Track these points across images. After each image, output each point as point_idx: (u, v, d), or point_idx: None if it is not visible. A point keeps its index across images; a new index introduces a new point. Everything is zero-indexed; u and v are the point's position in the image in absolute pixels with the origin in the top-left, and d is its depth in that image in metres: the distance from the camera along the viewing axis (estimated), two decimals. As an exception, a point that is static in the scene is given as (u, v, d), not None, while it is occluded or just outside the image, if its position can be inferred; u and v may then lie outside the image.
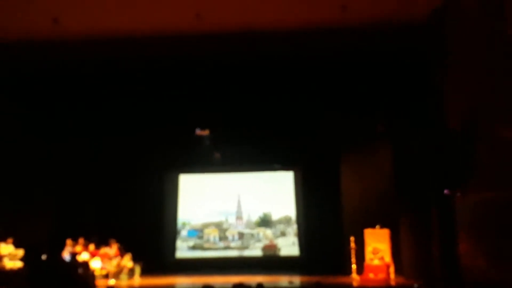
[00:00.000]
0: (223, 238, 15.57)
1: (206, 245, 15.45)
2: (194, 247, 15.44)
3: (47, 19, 8.91)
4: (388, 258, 10.97)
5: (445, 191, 9.00)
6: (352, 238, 11.35)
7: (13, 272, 10.47)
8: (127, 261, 12.02)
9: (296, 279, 11.84)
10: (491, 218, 7.32)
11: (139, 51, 10.32)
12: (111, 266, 11.73)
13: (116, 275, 11.70)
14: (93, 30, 9.51)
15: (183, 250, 15.40)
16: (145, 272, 12.38)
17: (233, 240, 15.53)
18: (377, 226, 11.25)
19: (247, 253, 15.30)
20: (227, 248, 15.41)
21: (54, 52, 9.94)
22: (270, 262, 14.83)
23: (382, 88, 10.92)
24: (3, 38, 9.43)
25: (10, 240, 10.85)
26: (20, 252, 10.74)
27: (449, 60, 8.92)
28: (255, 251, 15.31)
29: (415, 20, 9.36)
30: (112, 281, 11.43)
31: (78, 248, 11.82)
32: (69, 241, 11.80)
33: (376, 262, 10.97)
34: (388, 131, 11.56)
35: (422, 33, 9.61)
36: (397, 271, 11.12)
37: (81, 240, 12.05)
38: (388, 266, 10.90)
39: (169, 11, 8.99)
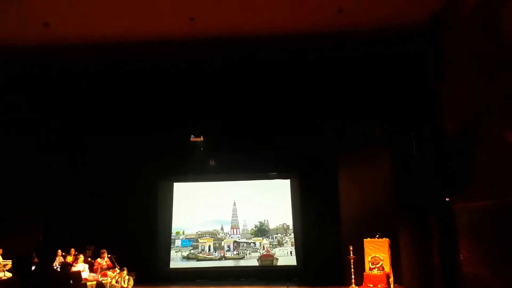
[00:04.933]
0: (218, 247, 15.32)
1: (200, 255, 15.19)
2: (188, 257, 15.18)
3: (38, 23, 8.74)
4: (387, 268, 10.78)
5: (445, 198, 8.87)
6: (351, 248, 11.16)
7: (2, 283, 10.21)
8: (123, 273, 11.77)
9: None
10: (492, 225, 7.18)
11: (132, 56, 10.16)
12: (107, 277, 11.45)
13: (111, 286, 11.42)
14: (85, 35, 9.33)
15: (177, 260, 15.13)
16: (138, 283, 12.14)
17: (228, 250, 15.28)
18: (377, 235, 11.04)
19: (243, 263, 15.04)
20: (222, 258, 15.15)
21: (44, 57, 9.74)
22: (267, 273, 14.57)
23: (379, 93, 10.78)
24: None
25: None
26: (9, 263, 10.50)
27: (446, 64, 8.83)
28: (251, 261, 15.05)
29: (413, 24, 9.26)
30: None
31: (69, 258, 11.56)
32: (59, 252, 11.54)
33: (375, 272, 10.77)
34: (386, 136, 11.40)
35: (419, 37, 9.52)
36: (397, 281, 10.95)
37: (72, 251, 11.79)
38: (388, 276, 10.70)
39: (163, 15, 8.84)
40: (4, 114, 10.68)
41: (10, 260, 10.45)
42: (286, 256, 14.98)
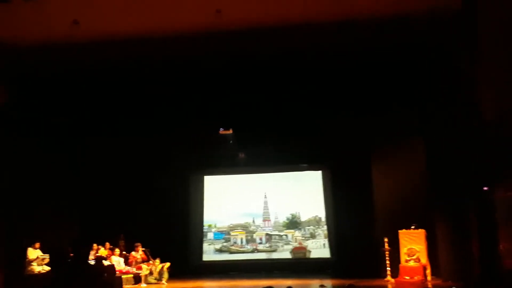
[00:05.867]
0: (250, 240, 15.32)
1: (233, 248, 15.24)
2: (221, 250, 15.26)
3: (67, 20, 8.86)
4: (424, 260, 10.57)
5: (484, 187, 8.60)
6: (385, 239, 10.96)
7: (41, 276, 10.49)
8: (158, 265, 11.93)
9: (328, 283, 11.48)
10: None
11: (161, 51, 10.18)
12: (142, 269, 11.62)
13: (145, 278, 11.58)
14: (113, 31, 9.40)
15: (210, 253, 15.24)
16: (172, 276, 12.26)
17: (260, 242, 15.26)
18: (412, 227, 10.80)
19: (275, 255, 15.01)
20: (255, 250, 15.16)
21: (74, 54, 9.87)
22: (300, 265, 14.48)
23: (413, 81, 10.51)
24: (22, 41, 9.45)
25: (38, 244, 10.86)
26: (47, 257, 10.75)
27: (482, 50, 8.50)
28: (284, 253, 15.00)
29: (447, 9, 8.93)
30: (143, 286, 11.34)
31: (104, 251, 11.76)
32: (95, 245, 11.76)
33: (411, 264, 10.57)
34: (420, 125, 11.11)
35: (454, 23, 9.19)
36: (434, 273, 10.71)
37: (106, 244, 12.00)
38: (424, 268, 10.49)
39: (189, 8, 8.81)
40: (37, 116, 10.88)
41: (48, 254, 10.72)
42: (319, 249, 14.86)
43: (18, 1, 8.25)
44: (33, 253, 10.74)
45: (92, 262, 10.71)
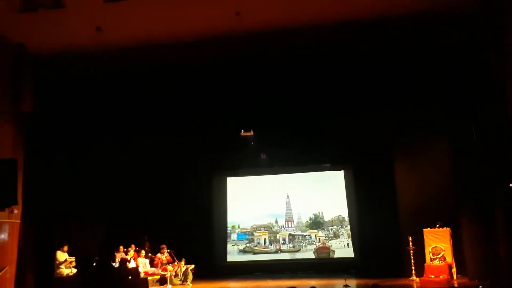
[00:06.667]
0: (273, 241, 15.35)
1: (256, 248, 15.29)
2: (244, 251, 15.32)
3: (90, 27, 9.05)
4: (450, 258, 10.41)
5: (510, 184, 8.45)
6: (410, 238, 10.86)
7: (69, 278, 10.71)
8: (183, 266, 12.05)
9: (352, 282, 11.43)
10: None
11: (181, 55, 10.32)
12: (167, 271, 11.75)
13: (170, 280, 11.70)
14: (134, 38, 9.61)
15: (233, 253, 15.33)
16: (197, 277, 12.36)
17: (284, 242, 15.28)
18: (437, 225, 10.67)
19: (299, 256, 15.00)
20: (278, 251, 15.18)
21: (97, 61, 10.08)
22: (324, 265, 14.42)
23: (437, 79, 10.34)
24: (47, 49, 9.70)
25: (66, 247, 11.09)
26: (74, 259, 10.97)
27: (508, 46, 8.34)
28: (307, 253, 14.98)
29: (470, 7, 8.82)
30: (168, 287, 11.48)
31: (130, 253, 11.93)
32: (121, 248, 11.94)
33: (437, 262, 10.41)
34: (445, 122, 10.95)
35: (477, 20, 9.07)
36: (460, 271, 10.57)
37: (132, 246, 12.17)
38: (450, 267, 10.33)
39: (209, 11, 8.90)
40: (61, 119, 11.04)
41: (74, 257, 10.95)
42: (343, 248, 14.79)
43: (43, 10, 8.44)
44: (61, 256, 10.98)
45: (116, 265, 10.98)
